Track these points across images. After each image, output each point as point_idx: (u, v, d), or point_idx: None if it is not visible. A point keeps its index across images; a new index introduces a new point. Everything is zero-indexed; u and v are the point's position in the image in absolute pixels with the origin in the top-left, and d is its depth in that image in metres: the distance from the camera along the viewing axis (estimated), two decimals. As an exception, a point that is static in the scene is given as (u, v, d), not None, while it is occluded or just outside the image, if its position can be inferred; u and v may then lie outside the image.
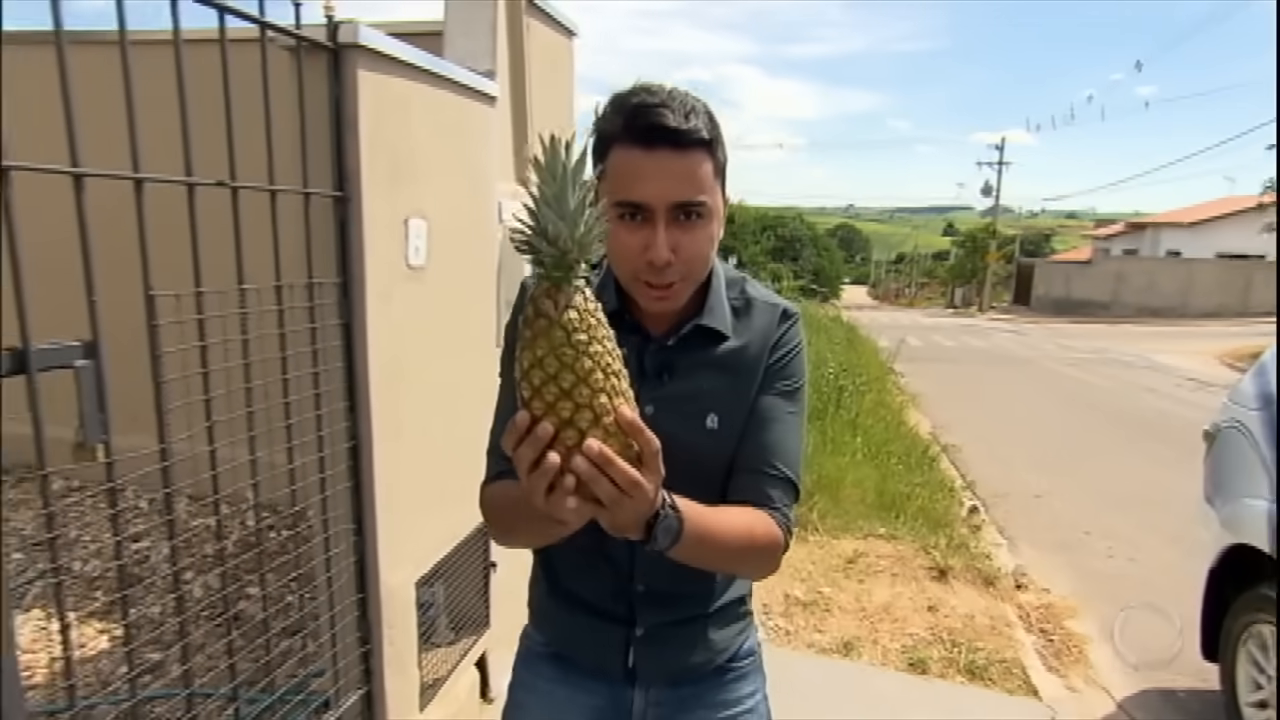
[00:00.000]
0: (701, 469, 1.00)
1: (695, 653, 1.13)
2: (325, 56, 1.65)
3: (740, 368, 1.04)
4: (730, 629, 1.15)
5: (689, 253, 0.95)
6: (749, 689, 1.18)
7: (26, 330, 1.07)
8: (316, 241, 1.68)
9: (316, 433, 1.72)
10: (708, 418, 1.02)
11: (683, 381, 1.03)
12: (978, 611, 3.62)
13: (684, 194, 0.92)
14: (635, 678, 1.13)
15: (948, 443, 6.91)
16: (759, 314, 1.07)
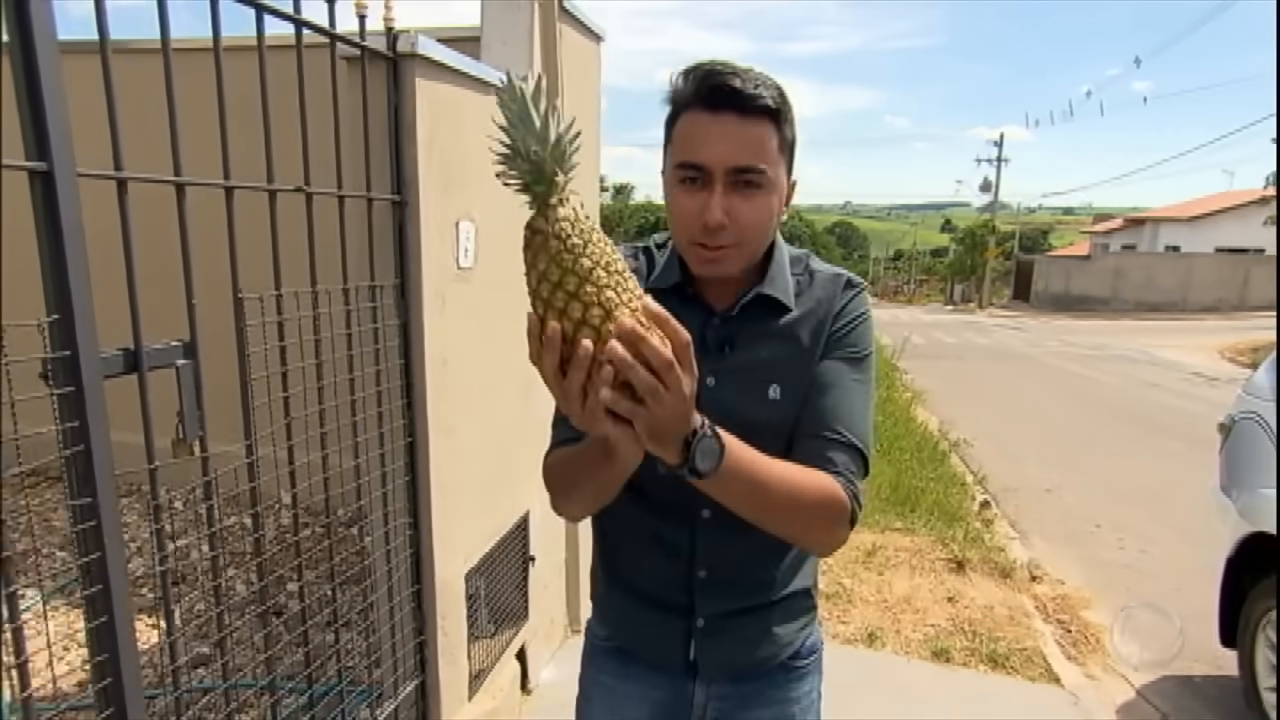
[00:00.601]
0: (764, 440, 0.93)
1: (759, 647, 1.10)
2: (385, 65, 1.70)
3: (802, 337, 1.02)
4: (794, 623, 1.12)
5: (745, 220, 0.94)
6: (808, 687, 1.16)
7: (139, 332, 1.13)
8: (378, 245, 1.73)
9: (378, 430, 1.77)
10: (770, 388, 1.00)
11: (744, 353, 1.02)
12: (996, 602, 3.68)
13: (743, 158, 0.92)
14: (696, 671, 1.11)
15: (957, 438, 6.96)
16: (821, 285, 1.05)
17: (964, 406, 8.70)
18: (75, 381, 1.01)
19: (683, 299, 1.02)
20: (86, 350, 1.02)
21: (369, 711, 1.80)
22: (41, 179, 0.97)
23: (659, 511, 1.06)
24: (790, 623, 1.11)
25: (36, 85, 0.95)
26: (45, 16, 0.94)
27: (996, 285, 36.45)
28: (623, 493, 0.96)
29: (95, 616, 1.05)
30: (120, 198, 1.11)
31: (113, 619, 1.06)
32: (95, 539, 1.04)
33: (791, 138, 0.97)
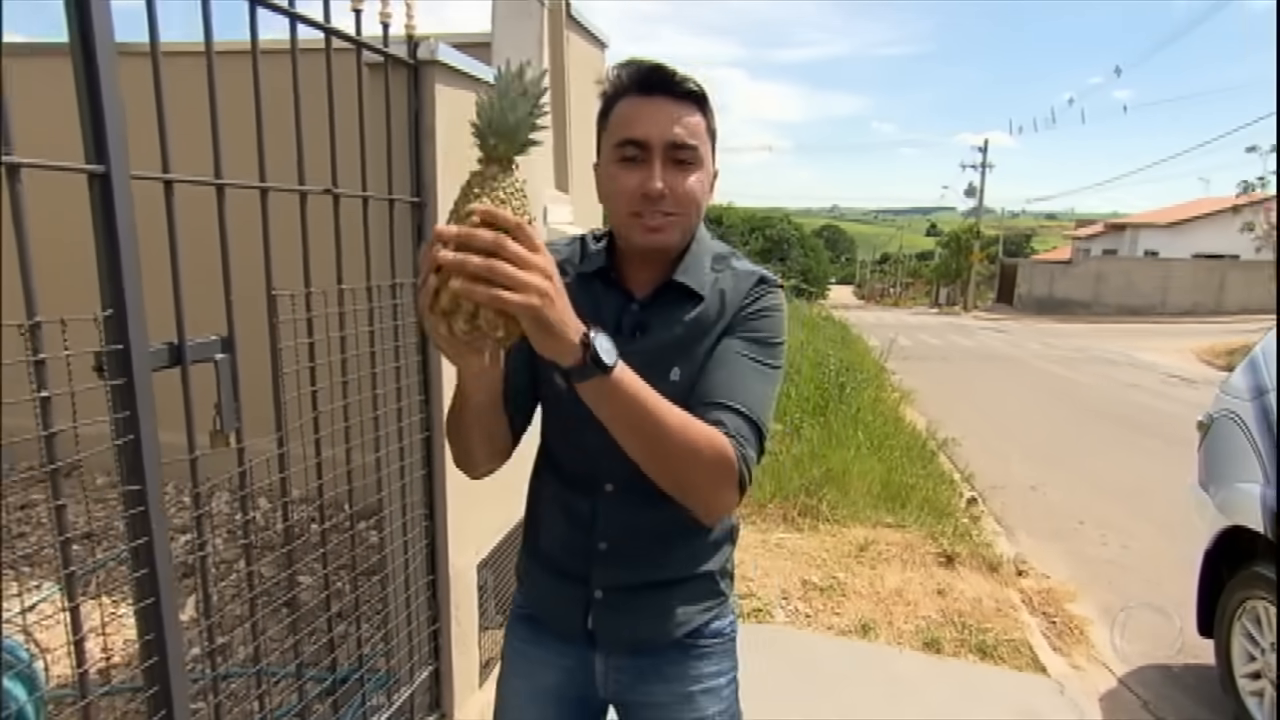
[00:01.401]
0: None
1: (654, 623, 1.11)
2: (406, 71, 1.74)
3: (708, 324, 1.05)
4: (695, 605, 1.12)
5: (680, 191, 1.00)
6: (712, 669, 1.14)
7: (183, 327, 1.17)
8: (399, 244, 1.77)
9: (397, 424, 1.81)
10: (672, 370, 1.03)
11: (653, 338, 1.05)
12: (984, 595, 3.75)
13: (678, 136, 0.99)
14: (595, 642, 1.13)
15: (945, 437, 7.05)
16: (736, 279, 1.07)
17: (950, 406, 8.79)
18: (126, 374, 1.04)
19: (606, 284, 1.08)
20: (138, 344, 1.05)
21: (386, 697, 1.84)
22: (100, 181, 1.01)
23: (567, 481, 1.12)
24: (690, 604, 1.12)
25: (97, 91, 0.98)
26: (105, 23, 0.98)
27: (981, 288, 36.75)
28: (541, 464, 1.09)
29: (143, 598, 1.09)
30: (167, 198, 1.14)
31: (159, 600, 1.10)
32: (143, 524, 1.08)
33: (714, 126, 1.04)
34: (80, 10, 0.97)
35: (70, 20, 0.97)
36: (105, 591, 2.55)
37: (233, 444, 1.27)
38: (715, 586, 1.14)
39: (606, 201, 1.05)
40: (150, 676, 1.11)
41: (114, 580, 2.66)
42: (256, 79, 1.28)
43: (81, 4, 0.96)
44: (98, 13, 0.97)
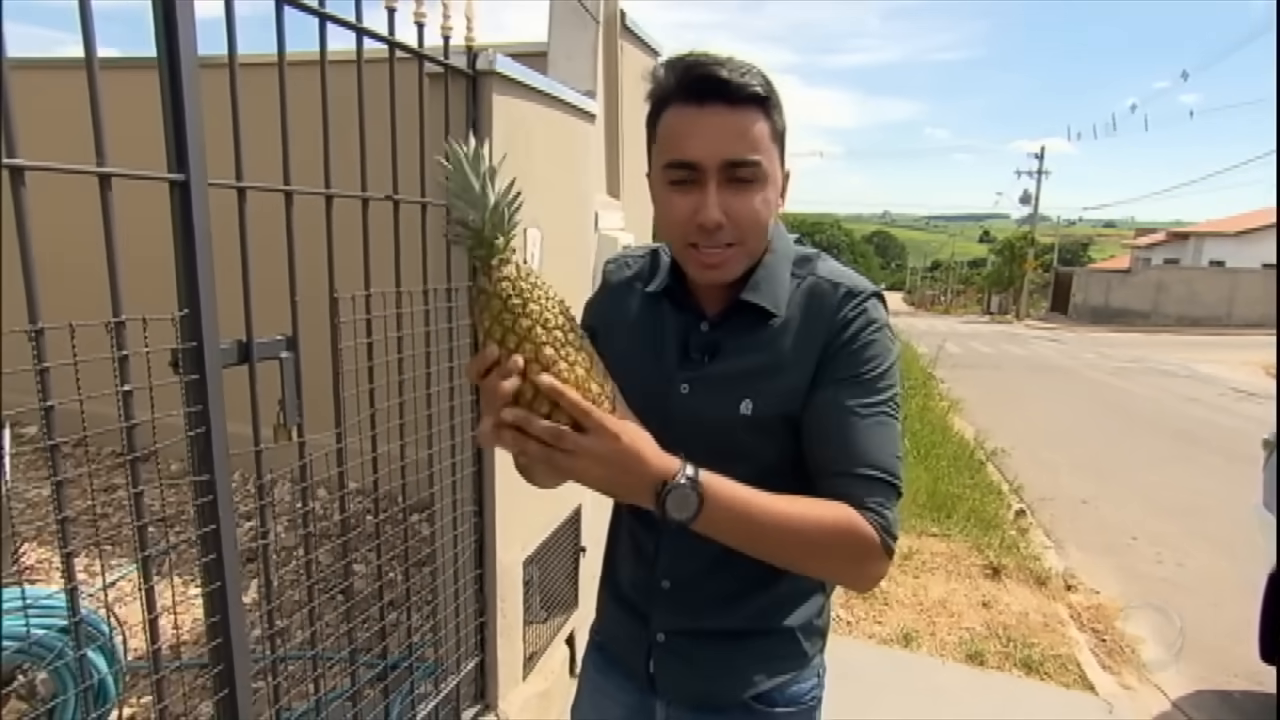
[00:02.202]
0: (736, 454, 0.88)
1: (718, 677, 0.98)
2: (465, 81, 1.77)
3: (788, 350, 0.90)
4: (768, 663, 0.98)
5: (741, 216, 0.86)
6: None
7: (251, 327, 1.21)
8: (455, 250, 1.80)
9: (450, 423, 1.84)
10: (742, 403, 0.90)
11: (724, 362, 0.93)
12: (1031, 609, 3.64)
13: (737, 151, 0.84)
14: (656, 688, 1.03)
15: (993, 447, 6.85)
16: (820, 293, 0.92)
17: (1000, 416, 8.55)
18: (199, 370, 1.09)
19: (674, 304, 0.97)
20: (210, 342, 1.10)
21: (433, 685, 1.87)
22: (180, 189, 1.05)
23: (638, 514, 1.02)
24: (763, 662, 0.98)
25: (180, 105, 1.03)
26: (190, 42, 1.03)
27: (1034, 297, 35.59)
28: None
29: (210, 582, 1.14)
30: (240, 205, 1.19)
31: (224, 585, 1.15)
32: (211, 512, 1.13)
33: (782, 126, 0.89)
34: (168, 32, 1.01)
35: (159, 41, 1.02)
36: (177, 572, 2.66)
37: (294, 438, 1.32)
38: (796, 645, 0.99)
39: (659, 226, 0.93)
40: (215, 655, 1.16)
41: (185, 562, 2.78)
42: (324, 92, 1.32)
43: (170, 28, 1.01)
44: (183, 34, 1.02)
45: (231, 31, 1.11)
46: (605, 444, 0.74)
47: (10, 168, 0.84)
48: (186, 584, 2.55)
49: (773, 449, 0.91)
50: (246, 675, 1.18)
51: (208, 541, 1.13)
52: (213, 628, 1.15)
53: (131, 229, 1.06)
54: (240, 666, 1.17)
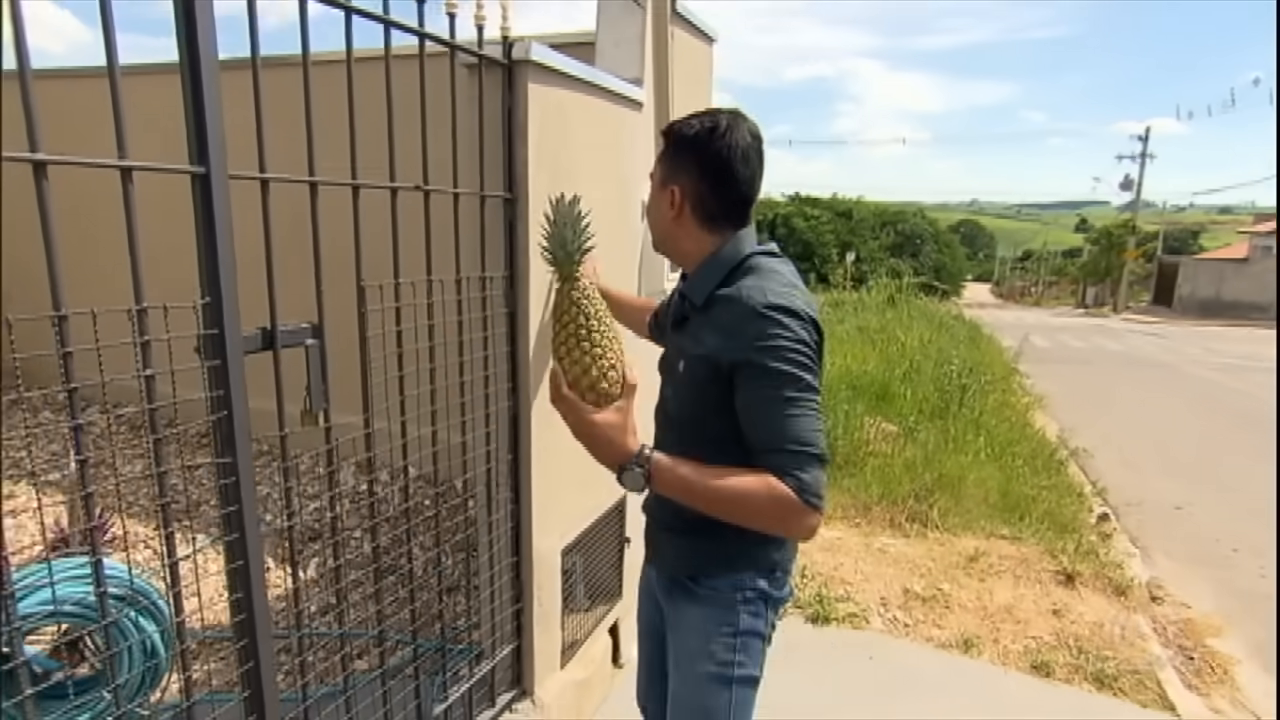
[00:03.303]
0: (685, 397, 1.30)
1: (668, 557, 1.42)
2: (500, 71, 1.77)
3: (709, 339, 1.24)
4: (695, 553, 1.35)
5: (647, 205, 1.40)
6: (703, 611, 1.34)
7: (275, 314, 1.25)
8: (489, 239, 1.81)
9: (484, 410, 1.86)
10: (680, 362, 1.31)
11: (683, 335, 1.33)
12: (1107, 620, 3.41)
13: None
14: (648, 555, 1.50)
15: (1076, 446, 6.46)
16: (732, 300, 1.21)
17: (1087, 414, 8.05)
18: (221, 356, 1.13)
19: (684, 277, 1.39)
20: (231, 329, 1.13)
21: (468, 668, 1.90)
22: (200, 181, 1.09)
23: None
24: (694, 552, 1.35)
25: (200, 99, 1.06)
26: (209, 38, 1.06)
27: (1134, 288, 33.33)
28: None
29: (233, 560, 1.18)
30: (263, 196, 1.22)
31: (247, 563, 1.19)
32: (234, 493, 1.17)
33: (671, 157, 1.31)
34: (189, 29, 1.05)
35: (179, 38, 1.05)
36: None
37: (321, 423, 1.35)
38: (725, 553, 1.32)
39: None
40: (239, 631, 1.20)
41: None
42: (350, 84, 1.35)
43: (190, 24, 1.04)
44: (203, 30, 1.05)
45: (254, 22, 1.14)
46: (581, 427, 1.18)
47: (34, 163, 0.88)
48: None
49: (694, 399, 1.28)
50: (270, 650, 1.23)
51: (231, 522, 1.17)
52: (236, 604, 1.19)
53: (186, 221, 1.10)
54: (263, 641, 1.21)
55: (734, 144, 1.25)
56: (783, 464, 1.12)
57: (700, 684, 1.34)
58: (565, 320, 1.15)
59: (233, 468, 1.16)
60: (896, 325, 10.55)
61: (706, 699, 1.33)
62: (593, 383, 1.13)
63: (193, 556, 1.18)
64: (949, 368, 7.44)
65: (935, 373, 7.41)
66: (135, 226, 1.02)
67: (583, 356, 1.13)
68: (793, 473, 1.11)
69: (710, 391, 1.22)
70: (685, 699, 1.36)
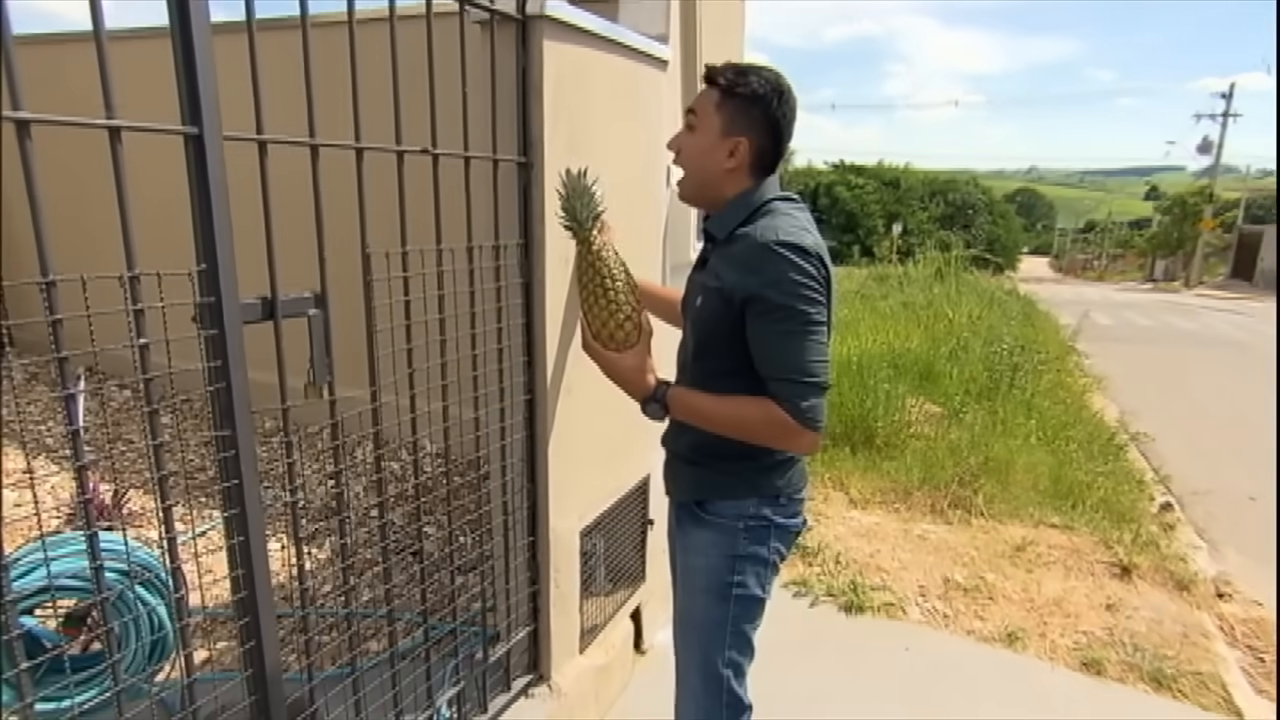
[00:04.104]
0: (701, 334, 1.46)
1: (678, 485, 1.61)
2: (514, 27, 1.74)
3: (723, 274, 1.40)
4: (702, 482, 1.53)
5: (685, 149, 1.49)
6: (707, 535, 1.52)
7: (275, 283, 1.25)
8: (503, 205, 1.80)
9: (499, 385, 1.86)
10: (698, 297, 1.46)
11: (703, 272, 1.49)
12: (1167, 617, 3.32)
13: (687, 104, 1.46)
14: (666, 490, 1.68)
15: (1138, 431, 6.28)
16: (748, 239, 1.37)
17: (1152, 396, 7.82)
18: (219, 325, 1.14)
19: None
20: (228, 297, 1.14)
21: (482, 652, 1.93)
22: (194, 142, 1.09)
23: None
24: (701, 481, 1.53)
25: (191, 59, 1.06)
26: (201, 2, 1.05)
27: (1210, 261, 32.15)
28: None
29: (233, 536, 1.20)
30: (261, 159, 1.22)
31: (248, 539, 1.20)
32: (234, 467, 1.18)
33: (734, 107, 1.41)
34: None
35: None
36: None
37: (324, 396, 1.36)
38: (728, 480, 1.50)
39: None
40: (241, 608, 1.22)
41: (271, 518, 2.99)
42: (352, 42, 1.33)
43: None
44: (192, -20, 1.04)
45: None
46: (608, 369, 1.44)
47: (15, 121, 0.89)
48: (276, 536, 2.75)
49: (709, 331, 1.44)
50: (272, 628, 1.25)
51: (231, 496, 1.19)
52: (237, 581, 1.21)
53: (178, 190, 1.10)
54: (265, 618, 1.23)
55: (794, 105, 1.44)
56: (786, 392, 1.31)
57: (702, 598, 1.53)
58: (585, 280, 1.34)
59: (232, 440, 1.17)
60: (944, 301, 10.34)
61: (708, 612, 1.52)
62: (612, 332, 1.36)
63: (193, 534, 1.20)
64: (999, 346, 7.27)
65: (984, 351, 7.25)
66: (126, 190, 1.03)
67: (601, 311, 1.34)
68: (793, 399, 1.31)
69: (724, 325, 1.39)
70: (689, 613, 1.57)
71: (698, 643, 1.55)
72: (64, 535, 1.83)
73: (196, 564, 1.33)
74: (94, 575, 1.02)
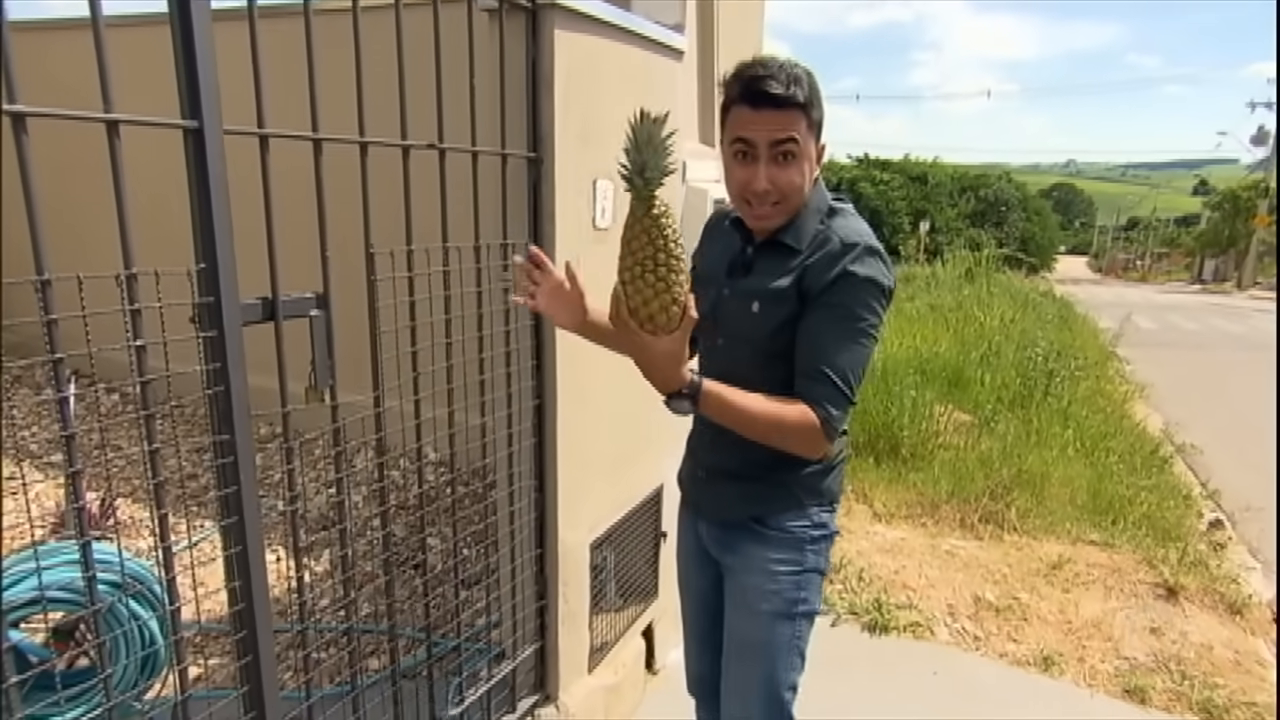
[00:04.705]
0: (749, 340, 1.43)
1: (730, 504, 1.54)
2: (524, 16, 1.76)
3: (794, 274, 1.37)
4: (765, 499, 1.49)
5: (782, 183, 1.35)
6: (773, 554, 1.49)
7: (276, 283, 1.27)
8: (512, 202, 1.81)
9: (506, 390, 1.87)
10: (753, 303, 1.41)
11: (754, 279, 1.43)
12: (1218, 642, 3.29)
13: (780, 134, 1.31)
14: (700, 510, 1.62)
15: (1183, 442, 6.23)
16: (829, 243, 1.36)
17: (1198, 405, 7.75)
18: (218, 326, 1.15)
19: (739, 229, 1.49)
20: (228, 297, 1.16)
21: (487, 670, 1.94)
22: (194, 136, 1.11)
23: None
24: (760, 497, 1.50)
25: (191, 51, 1.08)
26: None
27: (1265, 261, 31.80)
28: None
29: (231, 545, 1.21)
30: (262, 153, 1.24)
31: (246, 548, 1.22)
32: (233, 473, 1.20)
33: (819, 117, 1.35)
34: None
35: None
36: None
37: (327, 400, 1.38)
38: (789, 491, 1.48)
39: (726, 186, 1.43)
40: (238, 621, 1.24)
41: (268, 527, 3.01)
42: (356, 33, 1.35)
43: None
44: (193, -31, 1.07)
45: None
46: (637, 352, 1.25)
47: (11, 114, 0.91)
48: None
49: (769, 338, 1.40)
50: (270, 643, 1.26)
51: (229, 504, 1.21)
52: (234, 592, 1.23)
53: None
54: (263, 632, 1.25)
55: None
56: (821, 394, 1.31)
57: (765, 620, 1.51)
58: (635, 247, 1.19)
59: (231, 446, 1.19)
60: (974, 303, 10.29)
61: (771, 634, 1.50)
62: (652, 314, 1.21)
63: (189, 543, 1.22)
64: (1033, 351, 7.23)
65: (1017, 357, 7.21)
66: (123, 186, 1.05)
67: (645, 288, 1.20)
68: (825, 404, 1.31)
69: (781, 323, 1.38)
70: (748, 635, 1.54)
71: (760, 667, 1.52)
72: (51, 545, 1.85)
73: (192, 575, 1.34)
74: (87, 586, 1.04)
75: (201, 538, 2.83)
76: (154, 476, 1.10)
